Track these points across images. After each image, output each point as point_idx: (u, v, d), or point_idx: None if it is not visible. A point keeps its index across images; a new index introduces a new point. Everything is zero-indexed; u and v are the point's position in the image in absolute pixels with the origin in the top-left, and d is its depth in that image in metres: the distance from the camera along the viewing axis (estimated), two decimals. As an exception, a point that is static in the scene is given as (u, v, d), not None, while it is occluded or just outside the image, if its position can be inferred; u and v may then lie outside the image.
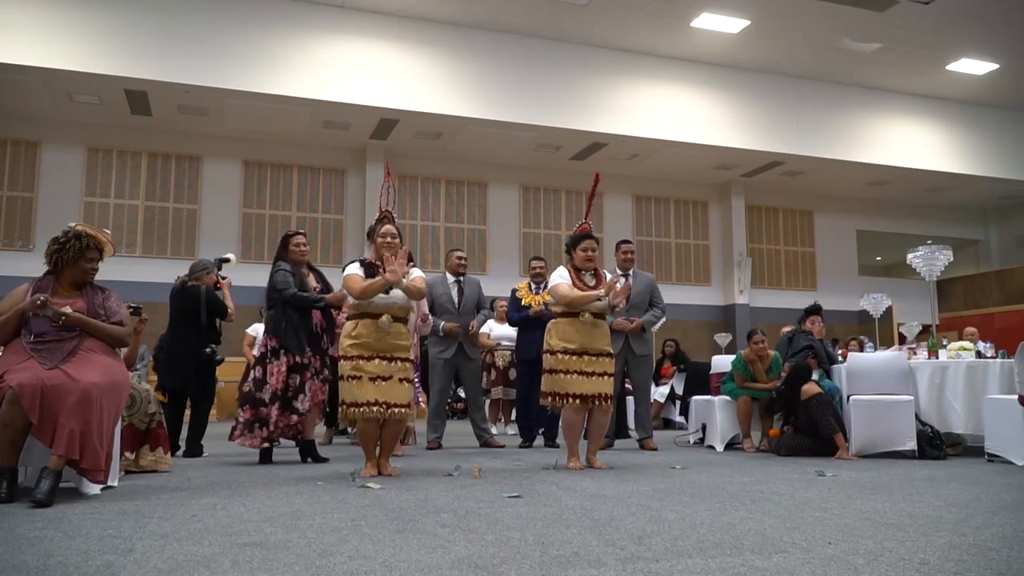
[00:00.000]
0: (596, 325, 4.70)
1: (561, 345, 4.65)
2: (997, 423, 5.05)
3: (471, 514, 2.89)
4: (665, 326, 13.45)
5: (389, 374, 4.22)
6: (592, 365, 4.63)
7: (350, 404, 4.19)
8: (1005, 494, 3.52)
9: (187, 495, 3.47)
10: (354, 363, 4.20)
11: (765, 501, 3.27)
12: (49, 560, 2.14)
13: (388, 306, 4.25)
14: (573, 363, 4.61)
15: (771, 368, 6.43)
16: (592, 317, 4.66)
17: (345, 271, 4.42)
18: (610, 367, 4.75)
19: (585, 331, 4.64)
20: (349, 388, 4.19)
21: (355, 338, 4.23)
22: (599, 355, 4.67)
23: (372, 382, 4.17)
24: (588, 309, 4.66)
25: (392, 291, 4.27)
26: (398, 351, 4.29)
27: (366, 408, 4.15)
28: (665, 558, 2.15)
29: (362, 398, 4.15)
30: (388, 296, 4.26)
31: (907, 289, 16.32)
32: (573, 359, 4.61)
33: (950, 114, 15.90)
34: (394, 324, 4.25)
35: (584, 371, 4.61)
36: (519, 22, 12.79)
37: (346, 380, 4.21)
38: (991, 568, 2.05)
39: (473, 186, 15.26)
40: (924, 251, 7.00)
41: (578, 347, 4.63)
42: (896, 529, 2.60)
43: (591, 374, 4.62)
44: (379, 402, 4.16)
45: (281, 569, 2.03)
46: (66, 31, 10.87)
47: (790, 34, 13.14)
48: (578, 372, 4.60)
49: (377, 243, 4.42)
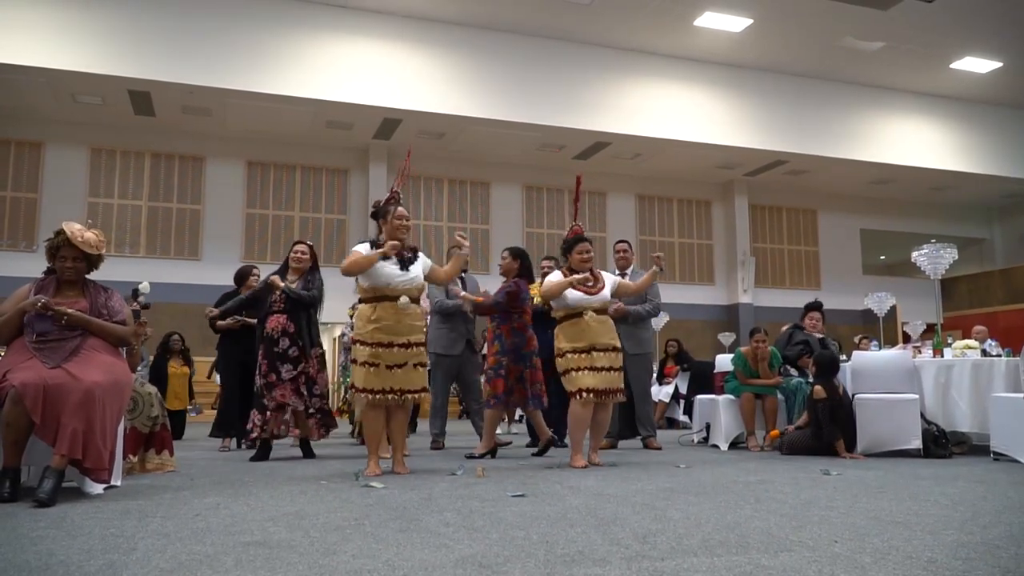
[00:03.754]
0: (601, 322, 4.74)
1: (570, 346, 4.69)
2: (1003, 421, 5.02)
3: (475, 513, 2.88)
4: (669, 325, 13.45)
5: (404, 360, 4.25)
6: (602, 360, 4.67)
7: (362, 390, 4.22)
8: (1012, 492, 3.50)
9: (190, 494, 3.46)
10: (373, 350, 4.20)
11: (770, 500, 3.25)
12: (51, 559, 2.13)
13: (406, 286, 4.27)
14: (583, 360, 4.65)
15: (771, 364, 6.43)
16: (595, 315, 4.70)
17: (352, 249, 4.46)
18: (617, 362, 4.77)
19: (590, 328, 4.68)
20: (364, 374, 4.21)
21: (375, 322, 4.22)
22: (606, 350, 4.70)
23: (389, 370, 4.22)
24: (589, 306, 4.69)
25: (411, 268, 4.30)
26: (415, 333, 4.32)
27: (381, 396, 4.19)
28: (670, 556, 2.14)
29: (377, 386, 4.20)
30: (407, 274, 4.28)
31: (911, 288, 16.27)
32: (583, 356, 4.65)
33: (954, 112, 15.86)
34: (411, 304, 4.27)
35: (595, 367, 4.65)
36: (522, 21, 12.78)
37: (361, 366, 4.22)
38: (999, 566, 2.03)
39: (476, 186, 15.25)
40: (929, 249, 6.97)
41: (586, 344, 4.67)
42: (903, 528, 2.58)
43: (600, 369, 4.66)
44: (394, 390, 4.21)
45: (284, 568, 2.02)
46: (69, 32, 10.88)
47: (793, 33, 13.11)
48: (589, 368, 4.64)
49: (393, 224, 4.39)
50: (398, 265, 4.29)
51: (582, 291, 4.71)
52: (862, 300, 13.72)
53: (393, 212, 4.40)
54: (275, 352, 5.22)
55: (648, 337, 6.50)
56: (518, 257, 5.51)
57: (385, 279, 4.25)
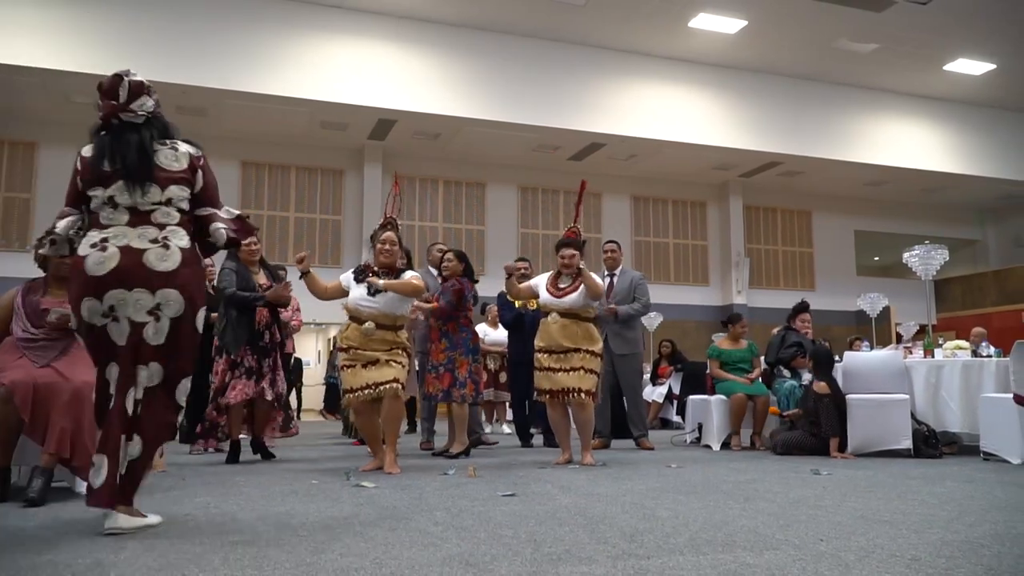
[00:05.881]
0: (562, 324, 4.79)
1: (538, 345, 4.91)
2: (992, 422, 5.05)
3: (464, 512, 2.89)
4: (663, 326, 13.47)
5: (377, 358, 4.45)
6: (559, 361, 4.78)
7: (347, 391, 4.48)
8: (999, 492, 3.52)
9: (180, 494, 3.47)
10: (349, 353, 4.48)
11: (759, 499, 3.26)
12: (40, 558, 2.14)
13: (371, 313, 4.44)
14: (543, 360, 4.85)
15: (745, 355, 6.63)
16: (559, 316, 4.81)
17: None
18: (584, 362, 4.78)
19: (550, 329, 4.82)
20: (346, 376, 4.49)
21: (347, 339, 4.53)
22: (566, 351, 4.78)
23: (364, 368, 4.43)
24: (554, 308, 4.83)
25: (377, 295, 4.44)
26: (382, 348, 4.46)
27: (360, 392, 4.41)
28: (656, 555, 2.15)
29: (356, 384, 4.42)
30: (372, 301, 4.45)
31: (905, 289, 16.34)
32: (543, 356, 4.85)
33: (948, 114, 15.91)
34: (377, 331, 4.42)
35: (551, 367, 4.80)
36: (517, 22, 12.79)
37: (343, 369, 4.51)
38: (982, 564, 2.05)
39: (471, 187, 15.26)
40: (920, 250, 7.01)
41: (544, 344, 4.85)
42: (889, 526, 2.60)
43: (556, 370, 4.78)
44: (368, 384, 4.40)
45: (272, 566, 2.03)
46: (63, 32, 10.86)
47: (787, 34, 13.15)
48: (547, 368, 4.81)
49: (376, 248, 4.69)
50: (366, 290, 4.48)
51: (551, 292, 4.88)
52: (856, 301, 13.78)
53: (379, 236, 4.70)
54: (260, 346, 5.14)
55: (636, 337, 6.51)
56: (462, 259, 5.74)
57: (353, 302, 4.51)
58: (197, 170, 2.76)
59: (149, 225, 2.58)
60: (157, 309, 2.52)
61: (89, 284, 2.48)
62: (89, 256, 2.49)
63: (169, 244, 2.56)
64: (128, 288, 2.49)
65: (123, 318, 2.51)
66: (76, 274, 2.52)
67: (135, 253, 2.51)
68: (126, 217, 2.57)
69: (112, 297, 2.49)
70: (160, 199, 2.62)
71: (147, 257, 2.51)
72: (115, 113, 2.70)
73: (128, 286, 2.48)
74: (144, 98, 2.74)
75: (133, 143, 2.64)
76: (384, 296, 4.45)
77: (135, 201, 2.59)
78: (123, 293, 2.49)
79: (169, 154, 2.70)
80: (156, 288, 2.51)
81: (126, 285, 2.48)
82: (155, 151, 2.67)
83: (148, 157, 2.63)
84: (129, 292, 2.49)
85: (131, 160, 2.61)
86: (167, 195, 2.64)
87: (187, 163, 2.73)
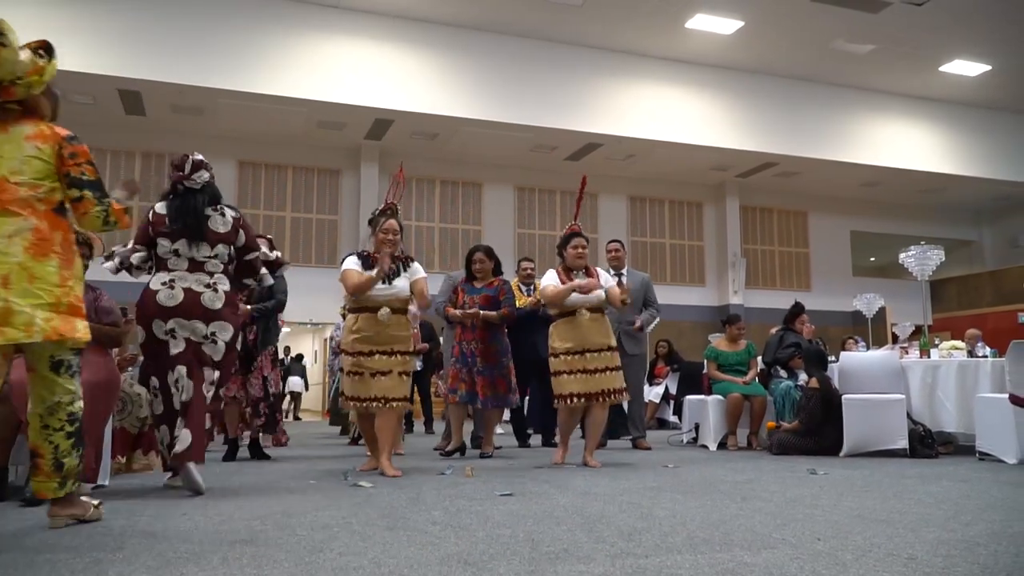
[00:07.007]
0: (595, 320, 4.67)
1: (562, 347, 4.66)
2: (988, 422, 5.06)
3: (462, 512, 2.89)
4: (659, 326, 13.47)
5: (388, 368, 4.27)
6: (594, 362, 4.62)
7: (350, 398, 4.33)
8: (995, 491, 3.53)
9: (178, 494, 3.46)
10: (355, 360, 4.28)
11: (756, 498, 3.27)
12: (38, 557, 2.14)
13: (387, 298, 4.27)
14: (575, 362, 4.62)
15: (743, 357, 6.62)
16: (589, 313, 4.65)
17: (342, 265, 4.46)
18: (614, 361, 4.70)
19: (583, 328, 4.63)
20: (351, 383, 4.31)
21: (356, 332, 4.29)
22: (600, 350, 4.65)
23: (373, 378, 4.25)
24: (583, 305, 4.65)
25: (394, 281, 4.30)
26: (398, 343, 4.32)
27: (368, 404, 4.26)
28: (654, 554, 2.16)
29: (364, 394, 4.26)
30: (389, 287, 4.28)
31: (901, 290, 16.37)
32: (574, 359, 4.62)
33: (943, 115, 15.96)
34: (392, 316, 4.27)
35: (587, 369, 4.61)
36: (514, 23, 12.80)
37: (347, 375, 4.33)
38: (978, 563, 2.06)
39: (468, 187, 15.26)
40: (916, 251, 7.04)
41: (576, 345, 4.63)
42: (885, 525, 2.61)
43: (593, 371, 4.62)
44: (377, 397, 4.24)
45: (270, 565, 2.03)
46: (59, 31, 10.82)
47: (784, 35, 13.18)
48: (581, 371, 4.61)
49: (379, 237, 4.41)
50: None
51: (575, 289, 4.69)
52: (852, 301, 13.82)
53: (382, 224, 4.41)
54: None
55: (644, 338, 6.53)
56: (492, 256, 5.58)
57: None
58: (239, 229, 3.71)
59: (203, 272, 3.55)
60: (212, 335, 3.51)
61: (161, 311, 3.45)
62: (160, 291, 3.47)
63: (217, 289, 3.54)
64: (187, 318, 3.47)
65: (180, 337, 3.47)
66: (149, 303, 3.46)
67: (195, 294, 3.49)
68: (186, 264, 3.54)
69: (174, 321, 3.46)
70: (210, 254, 3.57)
71: (204, 298, 3.49)
72: (181, 180, 3.63)
73: (188, 316, 3.47)
74: (202, 171, 3.67)
75: (191, 209, 3.57)
76: (399, 282, 4.32)
77: (193, 254, 3.55)
78: (183, 321, 3.47)
79: (218, 219, 3.63)
80: (209, 320, 3.50)
81: (186, 316, 3.47)
82: (208, 216, 3.59)
83: (201, 222, 3.57)
84: (188, 321, 3.47)
85: (191, 223, 3.55)
86: (215, 251, 3.59)
87: (232, 225, 3.66)
